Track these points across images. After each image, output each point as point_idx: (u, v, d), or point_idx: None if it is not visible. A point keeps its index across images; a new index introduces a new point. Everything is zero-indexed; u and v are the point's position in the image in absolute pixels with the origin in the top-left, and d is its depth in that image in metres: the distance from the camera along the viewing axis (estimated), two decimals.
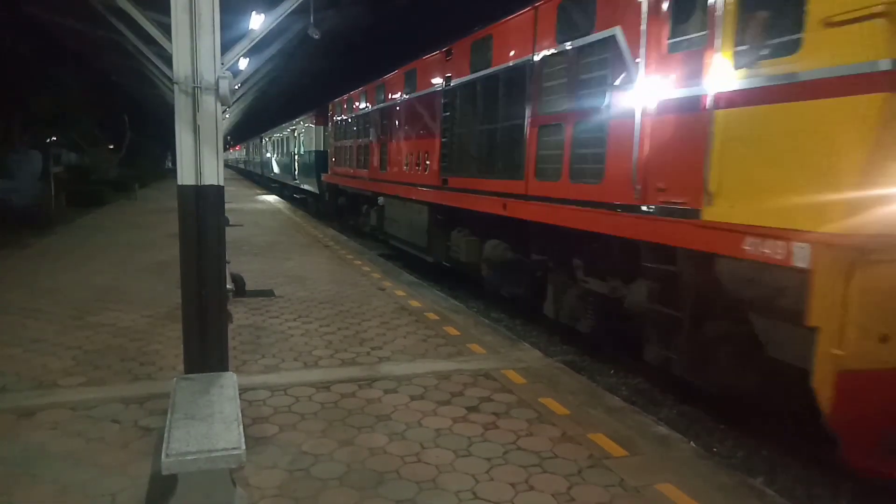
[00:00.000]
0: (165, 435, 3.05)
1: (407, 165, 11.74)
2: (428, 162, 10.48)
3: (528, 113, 7.14)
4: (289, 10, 5.05)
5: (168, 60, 4.10)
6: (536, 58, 7.02)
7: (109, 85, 27.14)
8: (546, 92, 6.85)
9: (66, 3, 11.69)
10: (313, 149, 21.89)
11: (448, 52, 9.82)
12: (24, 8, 14.25)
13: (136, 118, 37.68)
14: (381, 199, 13.63)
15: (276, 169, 33.71)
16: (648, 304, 5.31)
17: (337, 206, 19.09)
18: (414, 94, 11.47)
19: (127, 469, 3.65)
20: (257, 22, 10.16)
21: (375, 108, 14.29)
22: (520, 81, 7.33)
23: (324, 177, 20.13)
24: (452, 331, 6.81)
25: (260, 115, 45.73)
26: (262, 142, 41.14)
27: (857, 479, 4.35)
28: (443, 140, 9.82)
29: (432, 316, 7.46)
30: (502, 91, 7.82)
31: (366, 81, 15.79)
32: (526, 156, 7.15)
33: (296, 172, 26.02)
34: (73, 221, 17.25)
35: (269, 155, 37.37)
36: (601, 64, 5.90)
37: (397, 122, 12.55)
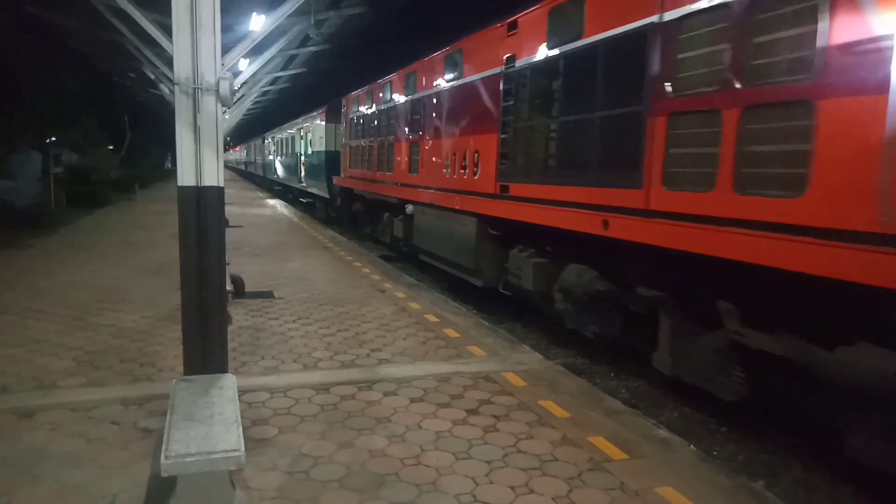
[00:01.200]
0: (165, 436, 3.04)
1: (447, 168, 9.74)
2: (478, 164, 8.60)
3: (650, 96, 5.24)
4: (289, 12, 5.06)
5: (169, 61, 4.11)
6: (668, 17, 5.07)
7: (110, 85, 27.19)
8: (686, 65, 4.91)
9: (68, 3, 11.72)
10: (323, 149, 19.93)
11: (511, 26, 7.75)
12: (25, 8, 14.27)
13: (137, 119, 37.78)
14: (409, 207, 11.51)
15: (279, 171, 32.10)
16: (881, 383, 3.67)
17: (351, 212, 17.27)
18: (458, 82, 9.45)
19: (127, 470, 3.64)
20: (258, 23, 10.18)
21: (404, 100, 12.20)
22: (636, 53, 5.40)
23: (335, 180, 18.14)
24: (452, 333, 6.81)
25: (260, 115, 45.72)
26: (264, 142, 39.39)
27: (858, 483, 4.35)
28: (502, 136, 7.85)
29: (432, 318, 7.45)
30: (603, 69, 5.91)
31: (372, 80, 14.98)
32: (646, 155, 5.25)
33: (302, 175, 24.23)
34: (74, 222, 17.24)
35: (271, 156, 35.57)
36: (804, 15, 3.95)
37: (434, 117, 10.48)
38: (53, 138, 23.23)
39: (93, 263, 10.58)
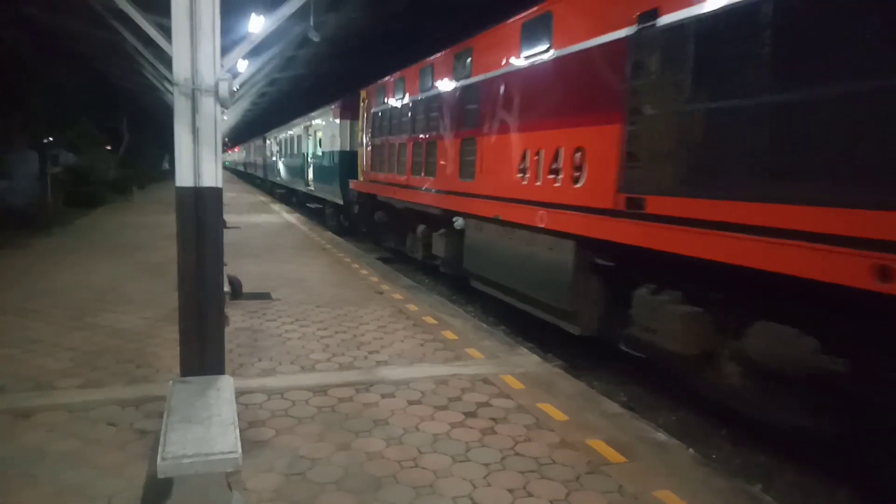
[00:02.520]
0: (161, 438, 3.03)
1: (524, 172, 7.29)
2: (582, 167, 6.16)
3: None
4: (289, 13, 5.06)
5: (167, 62, 4.11)
6: None
7: (108, 86, 27.17)
8: None
9: (66, 3, 11.71)
10: (336, 149, 17.49)
11: None
12: (23, 8, 14.27)
13: (135, 119, 37.74)
14: (458, 221, 9.21)
15: (282, 173, 29.61)
16: None
17: (371, 222, 14.73)
18: (543, 57, 6.99)
19: (123, 471, 3.63)
20: (257, 24, 10.19)
21: (453, 87, 9.66)
22: None
23: (352, 184, 15.78)
24: (450, 335, 6.80)
25: (260, 116, 45.77)
26: (265, 142, 36.84)
27: (854, 486, 4.36)
28: (629, 128, 5.47)
29: (430, 320, 7.45)
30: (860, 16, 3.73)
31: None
32: None
33: (309, 177, 21.80)
34: (71, 222, 17.20)
35: (273, 157, 33.04)
36: None
37: (501, 105, 7.99)
38: (51, 138, 23.22)
39: (90, 264, 10.55)
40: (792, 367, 4.22)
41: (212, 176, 3.95)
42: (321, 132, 19.91)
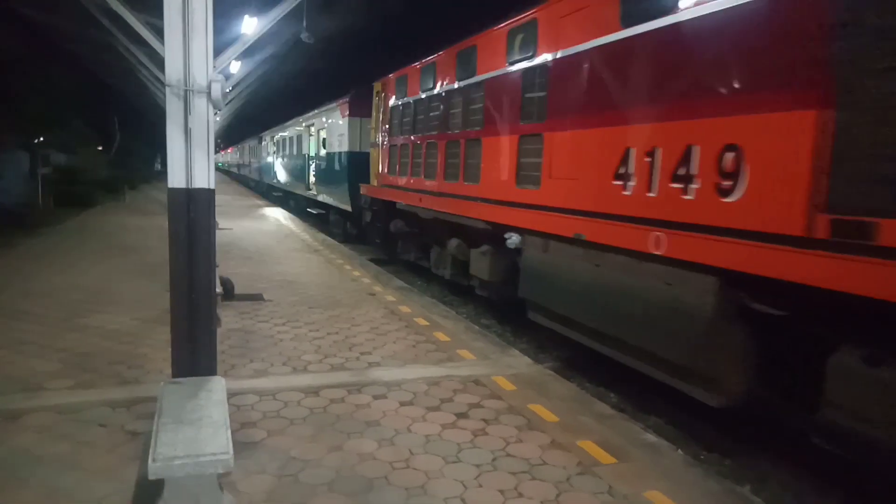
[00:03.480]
0: (153, 439, 3.03)
1: (625, 178, 5.42)
2: (736, 173, 4.33)
3: None
4: (281, 15, 5.06)
5: (160, 63, 4.09)
6: None
7: (100, 86, 27.04)
8: None
9: (58, 3, 11.65)
10: (345, 149, 15.78)
11: None
12: (15, 7, 14.17)
13: (126, 119, 37.59)
14: (512, 238, 7.44)
15: (280, 175, 27.83)
16: None
17: (388, 232, 12.79)
18: (665, 22, 5.00)
19: (114, 473, 3.62)
20: (250, 25, 10.18)
21: (507, 71, 7.66)
22: None
23: (364, 189, 13.95)
24: (442, 336, 6.81)
25: (254, 117, 45.61)
26: (260, 142, 35.19)
27: (846, 488, 4.39)
28: (840, 114, 3.68)
29: (422, 321, 7.45)
30: None
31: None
32: None
33: (311, 180, 20.41)
34: (62, 223, 17.09)
35: (270, 158, 31.34)
36: None
37: (589, 88, 6.05)
38: (41, 138, 23.08)
39: (81, 264, 10.50)
40: None
41: (204, 177, 3.95)
42: (326, 131, 18.27)
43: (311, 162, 20.59)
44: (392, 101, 12.29)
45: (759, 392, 4.60)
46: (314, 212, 20.50)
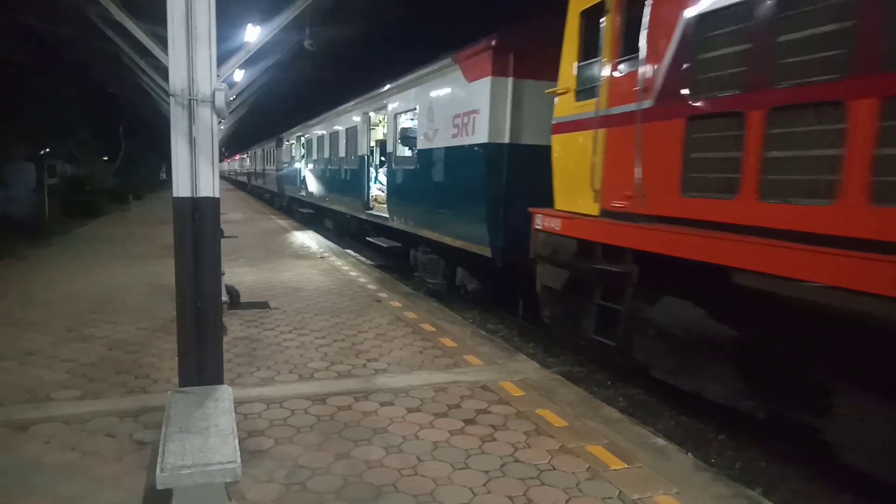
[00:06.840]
0: (160, 448, 3.03)
1: None
2: None
3: None
4: (284, 24, 5.08)
5: (164, 72, 4.11)
6: None
7: (105, 96, 27.20)
8: None
9: (63, 13, 11.72)
10: (480, 139, 8.48)
11: None
12: (21, 18, 14.29)
13: (132, 129, 37.78)
14: None
15: (314, 187, 20.61)
16: None
17: (613, 318, 5.80)
18: None
19: (122, 483, 3.61)
20: (253, 34, 10.21)
21: None
22: None
23: (543, 221, 6.71)
24: (449, 342, 6.79)
25: (256, 125, 45.74)
26: (280, 145, 28.40)
27: (856, 491, 4.35)
28: None
29: (428, 327, 7.44)
30: None
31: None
32: None
33: (373, 195, 14.63)
34: (69, 232, 17.17)
35: (296, 164, 23.79)
36: None
37: None
38: (48, 149, 23.23)
39: (87, 274, 10.53)
40: None
41: (209, 186, 3.96)
42: (421, 114, 10.88)
43: (369, 171, 14.67)
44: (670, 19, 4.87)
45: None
46: (384, 244, 13.24)
